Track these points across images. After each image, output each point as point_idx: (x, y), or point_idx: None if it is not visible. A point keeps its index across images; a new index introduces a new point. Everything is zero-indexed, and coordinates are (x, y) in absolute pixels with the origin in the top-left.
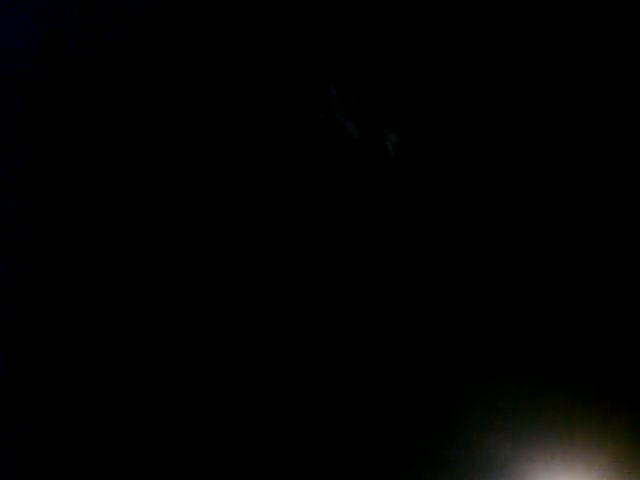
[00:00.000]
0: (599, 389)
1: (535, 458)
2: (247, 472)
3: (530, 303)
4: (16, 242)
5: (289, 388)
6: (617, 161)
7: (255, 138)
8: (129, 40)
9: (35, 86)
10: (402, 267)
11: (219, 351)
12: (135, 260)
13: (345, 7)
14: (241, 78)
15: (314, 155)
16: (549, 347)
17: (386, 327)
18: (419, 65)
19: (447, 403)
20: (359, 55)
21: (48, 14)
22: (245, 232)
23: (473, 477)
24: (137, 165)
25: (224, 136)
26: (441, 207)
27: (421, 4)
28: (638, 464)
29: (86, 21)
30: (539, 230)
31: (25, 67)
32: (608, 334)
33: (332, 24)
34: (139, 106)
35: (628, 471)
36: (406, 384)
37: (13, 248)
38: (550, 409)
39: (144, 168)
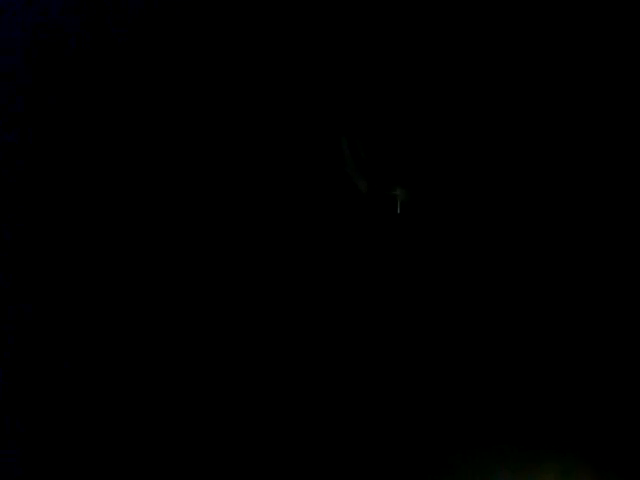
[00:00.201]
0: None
1: None
2: (247, 472)
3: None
4: (15, 242)
5: (287, 390)
6: (618, 166)
7: (264, 186)
8: (129, 40)
9: (31, 84)
10: (405, 324)
11: (219, 351)
12: (134, 260)
13: (360, 64)
14: (253, 127)
15: (322, 207)
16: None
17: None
18: (430, 124)
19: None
20: (371, 111)
21: (47, 14)
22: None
23: None
24: (136, 164)
25: (229, 180)
26: (446, 263)
27: (432, 65)
28: None
29: (86, 19)
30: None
31: (19, 65)
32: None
33: (346, 80)
34: (138, 105)
35: None
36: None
37: (12, 248)
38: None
39: (143, 167)
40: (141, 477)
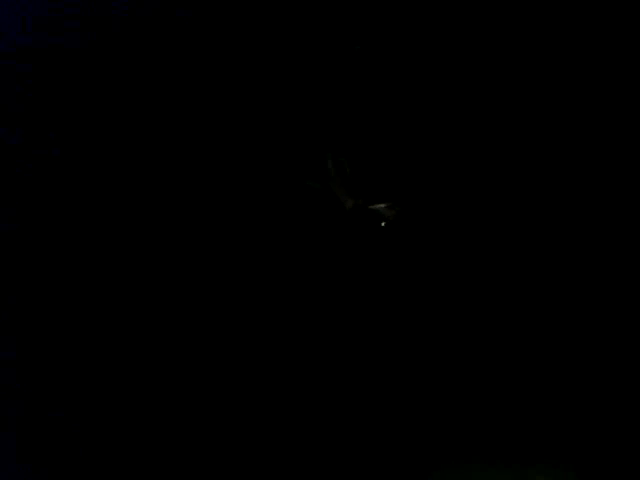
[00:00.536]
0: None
1: None
2: (247, 472)
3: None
4: (14, 241)
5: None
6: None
7: (245, 202)
8: (130, 38)
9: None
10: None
11: (218, 351)
12: (132, 260)
13: (345, 80)
14: (237, 141)
15: (306, 222)
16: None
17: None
18: (415, 140)
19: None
20: (357, 128)
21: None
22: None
23: None
24: (135, 164)
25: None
26: (432, 277)
27: (416, 86)
28: None
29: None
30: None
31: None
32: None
33: (332, 97)
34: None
35: None
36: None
37: (11, 247)
38: None
39: (142, 167)
40: (141, 477)
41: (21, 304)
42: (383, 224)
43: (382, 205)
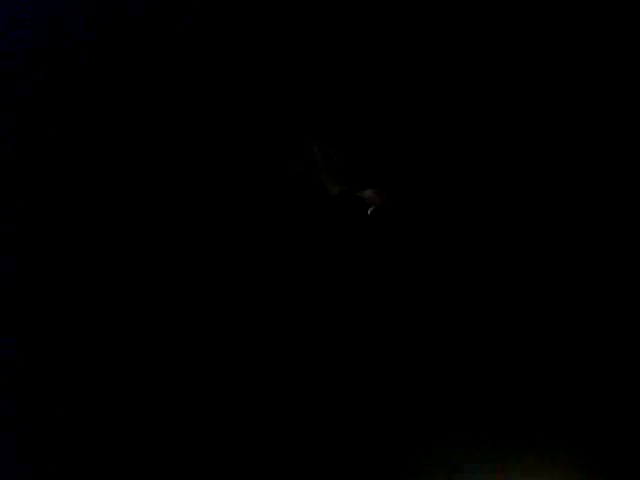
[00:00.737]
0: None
1: None
2: (246, 472)
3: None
4: (14, 241)
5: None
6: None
7: (231, 189)
8: (130, 39)
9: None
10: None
11: (217, 351)
12: (132, 260)
13: (331, 67)
14: (224, 128)
15: (292, 208)
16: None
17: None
18: (401, 126)
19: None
20: (343, 114)
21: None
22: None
23: None
24: (134, 163)
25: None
26: (417, 265)
27: (404, 70)
28: None
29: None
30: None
31: (20, 65)
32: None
33: (319, 83)
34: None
35: None
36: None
37: (11, 248)
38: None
39: (141, 164)
40: (141, 477)
41: (21, 304)
42: (370, 211)
43: (369, 191)
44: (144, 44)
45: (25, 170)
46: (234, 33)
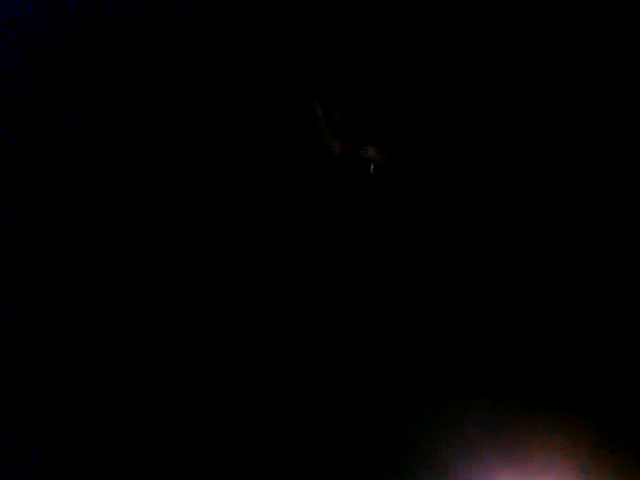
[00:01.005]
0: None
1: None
2: (245, 472)
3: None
4: (14, 241)
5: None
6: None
7: (234, 150)
8: (129, 37)
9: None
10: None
11: (217, 351)
12: (132, 260)
13: (333, 25)
14: (227, 87)
15: (294, 168)
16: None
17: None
18: (403, 84)
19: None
20: (345, 72)
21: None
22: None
23: None
24: (133, 159)
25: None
26: (421, 224)
27: (406, 29)
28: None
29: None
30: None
31: (19, 64)
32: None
33: (319, 40)
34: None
35: None
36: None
37: (10, 248)
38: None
39: (141, 163)
40: (141, 477)
41: (21, 304)
42: (372, 168)
43: (371, 149)
44: (144, 44)
45: (25, 170)
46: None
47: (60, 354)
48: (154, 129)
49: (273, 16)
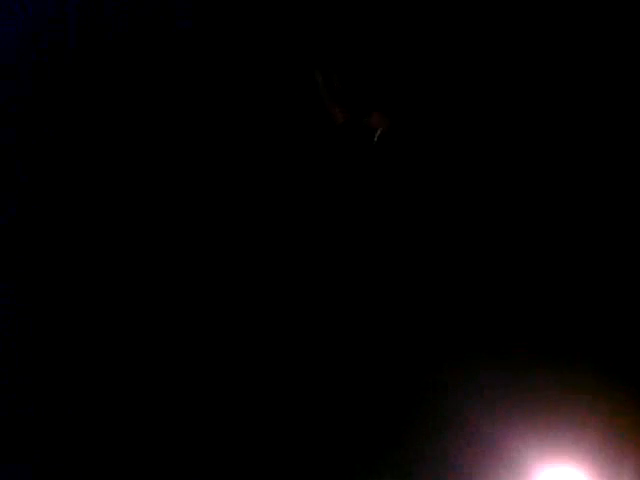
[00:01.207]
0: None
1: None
2: (245, 471)
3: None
4: (14, 241)
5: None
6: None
7: (239, 122)
8: (128, 38)
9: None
10: (384, 257)
11: (216, 351)
12: (132, 259)
13: None
14: (227, 62)
15: (297, 137)
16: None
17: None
18: (406, 52)
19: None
20: (346, 41)
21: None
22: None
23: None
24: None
25: (207, 124)
26: (424, 195)
27: None
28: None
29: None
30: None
31: (19, 64)
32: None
33: (320, 10)
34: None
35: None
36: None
37: (10, 247)
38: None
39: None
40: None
41: (20, 304)
42: (376, 137)
43: (374, 117)
44: (144, 44)
45: (25, 169)
46: None
47: (60, 354)
48: (154, 123)
49: None
